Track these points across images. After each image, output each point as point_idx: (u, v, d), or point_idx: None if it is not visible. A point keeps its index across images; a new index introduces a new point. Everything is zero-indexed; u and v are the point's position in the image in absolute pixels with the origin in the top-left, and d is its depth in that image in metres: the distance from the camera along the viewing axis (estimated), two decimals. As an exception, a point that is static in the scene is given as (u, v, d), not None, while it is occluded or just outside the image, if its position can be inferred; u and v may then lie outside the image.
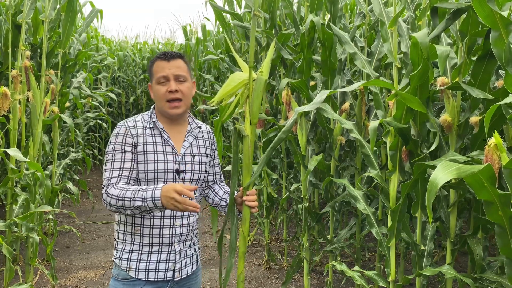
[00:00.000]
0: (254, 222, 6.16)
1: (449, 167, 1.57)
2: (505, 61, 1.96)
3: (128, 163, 2.00)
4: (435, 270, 2.36)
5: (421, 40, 2.18)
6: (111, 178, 1.97)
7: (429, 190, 1.51)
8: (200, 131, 2.21)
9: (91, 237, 5.82)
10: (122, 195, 1.88)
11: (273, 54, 4.73)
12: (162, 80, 2.04)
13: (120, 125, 2.06)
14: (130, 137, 2.02)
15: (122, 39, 14.27)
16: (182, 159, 2.08)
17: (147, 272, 2.02)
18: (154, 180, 2.02)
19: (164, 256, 2.05)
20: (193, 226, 2.15)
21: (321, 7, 3.83)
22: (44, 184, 4.02)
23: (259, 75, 1.84)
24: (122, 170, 1.98)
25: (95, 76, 9.94)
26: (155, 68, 2.07)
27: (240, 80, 1.86)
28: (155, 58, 2.11)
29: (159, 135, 2.07)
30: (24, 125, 4.16)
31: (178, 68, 2.06)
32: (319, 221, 3.77)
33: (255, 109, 1.84)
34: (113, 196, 1.90)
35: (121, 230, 2.08)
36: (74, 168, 7.84)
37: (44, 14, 4.46)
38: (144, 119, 2.10)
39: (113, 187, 1.94)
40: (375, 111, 3.12)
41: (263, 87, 1.84)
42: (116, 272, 2.06)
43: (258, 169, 1.90)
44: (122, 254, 2.06)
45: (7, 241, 3.73)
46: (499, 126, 2.28)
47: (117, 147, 2.01)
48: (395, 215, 2.52)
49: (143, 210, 1.86)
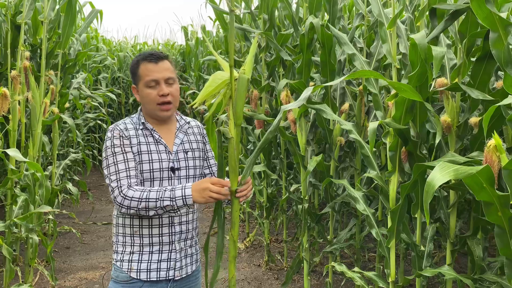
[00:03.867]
0: (254, 222, 6.16)
1: (447, 168, 1.57)
2: (504, 62, 1.96)
3: (132, 162, 2.00)
4: (435, 271, 2.37)
5: (419, 41, 2.18)
6: (120, 179, 1.96)
7: (426, 191, 1.51)
8: (190, 127, 2.21)
9: (90, 237, 5.81)
10: (145, 197, 1.89)
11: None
12: (152, 84, 2.02)
13: (112, 128, 2.05)
14: (126, 138, 2.02)
15: (122, 39, 14.28)
16: (175, 156, 2.09)
17: (149, 272, 2.02)
18: (150, 180, 2.02)
19: (165, 255, 2.05)
20: (193, 224, 2.16)
21: (320, 8, 3.83)
22: (43, 184, 4.02)
23: (241, 74, 1.77)
24: (128, 171, 1.98)
25: (95, 76, 9.93)
26: (142, 70, 2.04)
27: (221, 80, 1.80)
28: (140, 59, 2.06)
29: (150, 135, 2.07)
30: (23, 125, 4.16)
31: (167, 70, 2.05)
32: (319, 222, 3.76)
33: (238, 110, 1.78)
34: (134, 198, 1.90)
35: (120, 233, 2.07)
36: (74, 169, 7.84)
37: (43, 14, 4.46)
38: (133, 121, 2.10)
39: (129, 189, 1.93)
40: (374, 112, 3.12)
41: (246, 86, 1.78)
42: (116, 274, 2.06)
43: (246, 170, 1.87)
44: (123, 256, 2.05)
45: (7, 242, 3.73)
46: (499, 127, 2.28)
47: (116, 149, 2.00)
48: (395, 216, 2.52)
49: (169, 209, 1.90)
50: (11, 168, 3.68)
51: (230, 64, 1.78)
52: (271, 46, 4.22)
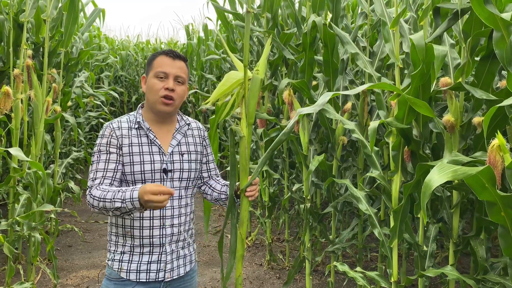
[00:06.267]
0: (256, 222, 6.15)
1: (446, 169, 1.56)
2: (507, 61, 1.95)
3: (113, 164, 1.99)
4: (438, 271, 2.36)
5: (417, 41, 2.17)
6: (95, 179, 1.97)
7: (424, 191, 1.51)
8: (190, 128, 2.18)
9: (92, 236, 5.82)
10: (103, 196, 1.87)
11: (270, 52, 4.74)
12: (161, 76, 2.02)
13: (106, 126, 2.05)
14: (115, 138, 2.00)
15: (125, 38, 14.28)
16: (169, 158, 2.05)
17: (138, 273, 2.01)
18: (141, 181, 2.00)
19: (155, 256, 2.03)
20: (185, 226, 2.12)
21: (323, 7, 3.82)
22: (46, 183, 4.02)
23: (254, 74, 1.80)
24: (106, 171, 1.97)
25: (98, 75, 9.95)
26: (157, 61, 2.05)
27: (235, 80, 1.83)
28: (159, 53, 2.09)
29: (144, 135, 2.05)
30: (26, 124, 4.16)
31: (180, 69, 2.05)
32: (321, 221, 3.76)
33: (251, 109, 1.81)
34: (95, 198, 1.89)
35: (113, 232, 2.07)
36: (76, 167, 7.85)
37: (46, 13, 4.46)
38: (129, 119, 2.08)
39: (96, 188, 1.93)
40: (377, 111, 3.12)
41: (259, 86, 1.80)
42: (109, 271, 2.07)
43: (257, 170, 1.87)
44: (114, 255, 2.05)
45: (9, 240, 3.73)
46: (502, 126, 2.27)
47: (101, 148, 2.00)
48: (397, 215, 2.51)
49: (123, 211, 1.84)
50: (13, 166, 3.68)
51: (245, 64, 1.80)
52: (274, 44, 4.21)
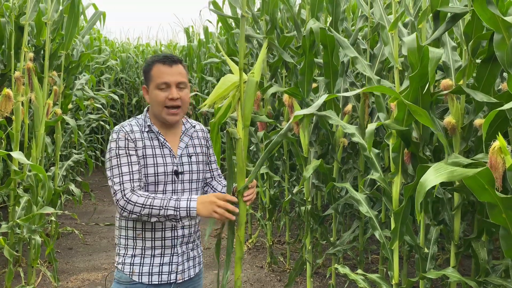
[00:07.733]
0: (256, 224, 6.15)
1: (441, 170, 1.56)
2: (508, 63, 1.95)
3: (136, 165, 1.98)
4: (439, 273, 2.35)
5: (409, 44, 2.18)
6: (123, 183, 1.94)
7: (418, 191, 1.52)
8: (195, 130, 2.21)
9: (93, 238, 5.82)
10: (149, 204, 1.88)
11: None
12: (163, 87, 2.01)
13: (118, 130, 2.02)
14: (131, 141, 2.00)
15: (125, 41, 14.29)
16: (179, 160, 2.08)
17: (150, 276, 2.01)
18: (154, 184, 2.01)
19: (167, 258, 2.04)
20: (195, 228, 2.15)
21: (321, 10, 3.82)
22: (46, 185, 4.02)
23: (250, 77, 1.81)
24: (132, 174, 1.96)
25: (98, 77, 9.96)
26: (155, 72, 2.03)
27: (231, 82, 1.85)
28: (154, 61, 2.05)
29: (155, 138, 2.06)
30: (27, 126, 4.16)
31: (180, 74, 2.04)
32: (322, 224, 3.76)
33: (247, 112, 1.82)
34: (138, 204, 1.89)
35: (122, 236, 2.06)
36: (77, 170, 7.85)
37: (47, 16, 4.47)
38: (139, 123, 2.07)
39: (132, 193, 1.92)
40: (377, 113, 3.11)
41: (255, 89, 1.81)
42: (119, 275, 2.06)
43: (254, 172, 1.88)
44: (124, 259, 2.05)
45: (10, 243, 3.73)
46: (503, 129, 2.27)
47: (120, 152, 1.98)
48: (398, 217, 2.51)
49: (171, 218, 1.90)
50: (14, 169, 3.68)
51: (240, 67, 1.82)
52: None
